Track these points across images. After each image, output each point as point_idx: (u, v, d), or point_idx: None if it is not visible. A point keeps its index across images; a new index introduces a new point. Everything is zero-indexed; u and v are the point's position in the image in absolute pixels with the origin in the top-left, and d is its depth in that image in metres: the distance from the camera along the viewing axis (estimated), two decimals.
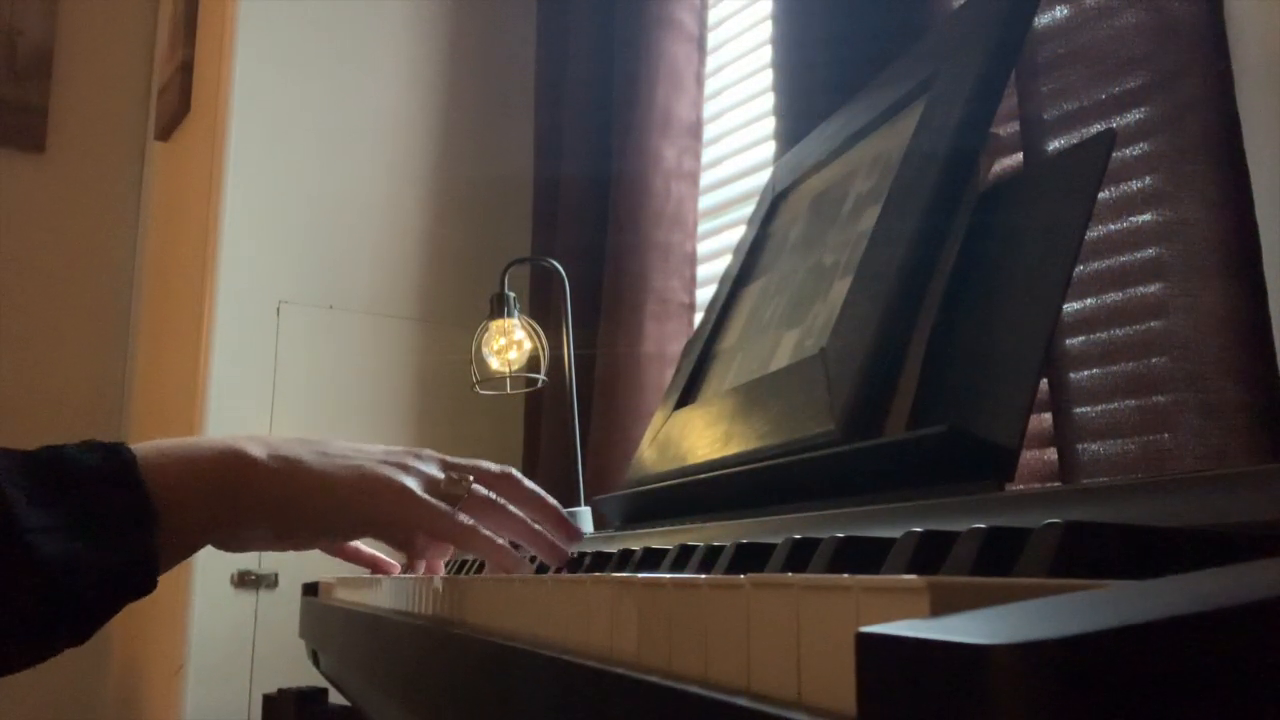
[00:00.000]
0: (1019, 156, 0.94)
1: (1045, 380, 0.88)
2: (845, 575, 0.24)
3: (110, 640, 2.08)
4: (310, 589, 1.23)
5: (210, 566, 1.62)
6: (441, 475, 0.62)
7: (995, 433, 0.50)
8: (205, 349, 1.70)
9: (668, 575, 0.34)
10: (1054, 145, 0.91)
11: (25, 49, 2.31)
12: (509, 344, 1.41)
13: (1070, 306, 0.86)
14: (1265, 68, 0.80)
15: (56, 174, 2.33)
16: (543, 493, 0.66)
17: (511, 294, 1.40)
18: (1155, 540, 0.27)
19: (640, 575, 0.36)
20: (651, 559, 0.49)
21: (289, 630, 1.37)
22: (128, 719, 1.97)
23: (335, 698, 1.30)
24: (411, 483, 0.60)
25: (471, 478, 0.63)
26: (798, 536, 0.38)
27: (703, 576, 0.31)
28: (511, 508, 0.63)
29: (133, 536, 0.52)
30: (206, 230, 1.76)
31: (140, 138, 2.42)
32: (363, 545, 0.70)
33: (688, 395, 0.92)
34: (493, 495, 0.63)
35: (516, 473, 0.66)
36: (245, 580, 1.65)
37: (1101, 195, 0.82)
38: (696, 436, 0.82)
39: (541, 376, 1.44)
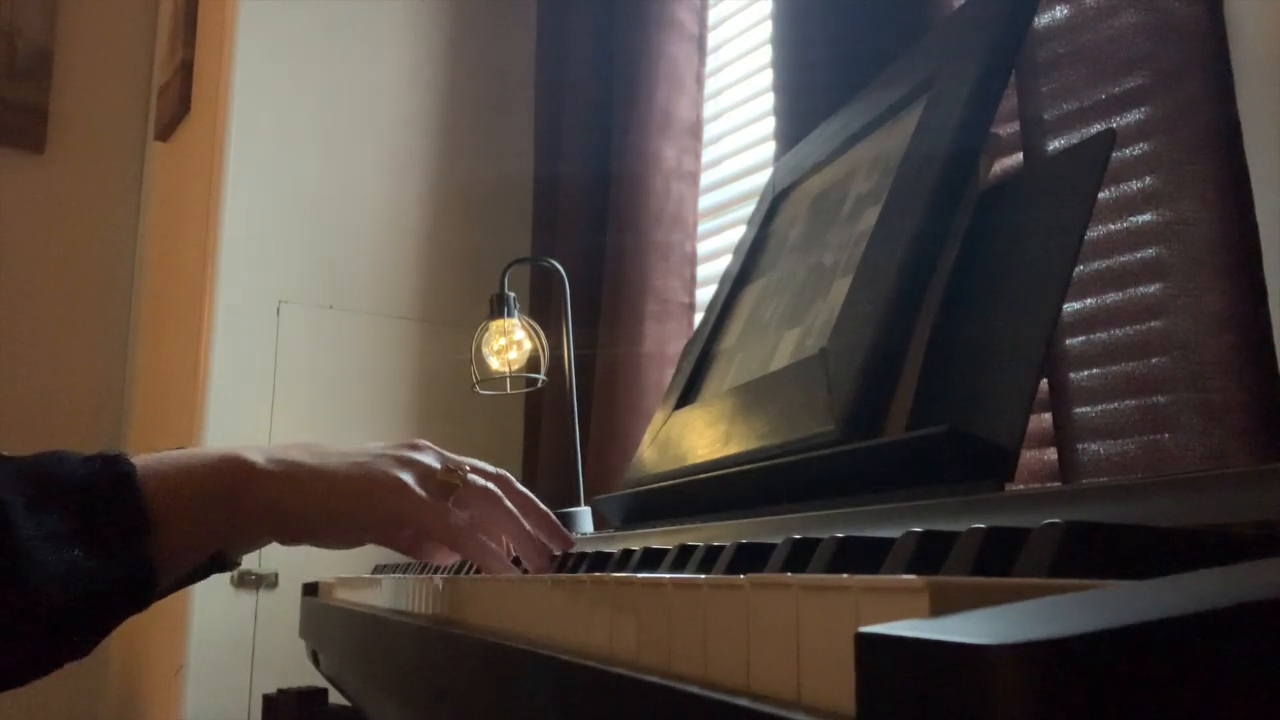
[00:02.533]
0: (1019, 156, 0.94)
1: (1045, 380, 0.88)
2: (845, 575, 0.24)
3: (110, 640, 2.06)
4: (310, 589, 1.23)
5: None
6: (438, 465, 0.62)
7: (995, 433, 0.50)
8: (205, 349, 1.70)
9: (668, 575, 0.34)
10: (1054, 145, 0.91)
11: (25, 49, 2.31)
12: (509, 344, 1.41)
13: (1070, 306, 0.86)
14: (1265, 68, 0.80)
15: (56, 174, 2.33)
16: (536, 499, 0.66)
17: (511, 294, 1.40)
18: (1155, 540, 0.27)
19: (640, 575, 0.36)
20: (651, 559, 0.49)
21: (289, 630, 1.37)
22: (128, 719, 1.97)
23: (335, 698, 1.30)
24: (407, 477, 0.60)
25: (468, 468, 0.63)
26: (798, 536, 0.38)
27: (703, 576, 0.31)
28: (507, 501, 0.63)
29: (129, 546, 0.51)
30: (206, 230, 1.76)
31: (140, 138, 2.42)
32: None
33: (688, 395, 0.92)
34: (490, 485, 0.63)
35: (511, 476, 0.66)
36: (245, 580, 1.65)
37: (1101, 195, 0.82)
38: (696, 436, 0.82)
39: (541, 376, 1.44)
